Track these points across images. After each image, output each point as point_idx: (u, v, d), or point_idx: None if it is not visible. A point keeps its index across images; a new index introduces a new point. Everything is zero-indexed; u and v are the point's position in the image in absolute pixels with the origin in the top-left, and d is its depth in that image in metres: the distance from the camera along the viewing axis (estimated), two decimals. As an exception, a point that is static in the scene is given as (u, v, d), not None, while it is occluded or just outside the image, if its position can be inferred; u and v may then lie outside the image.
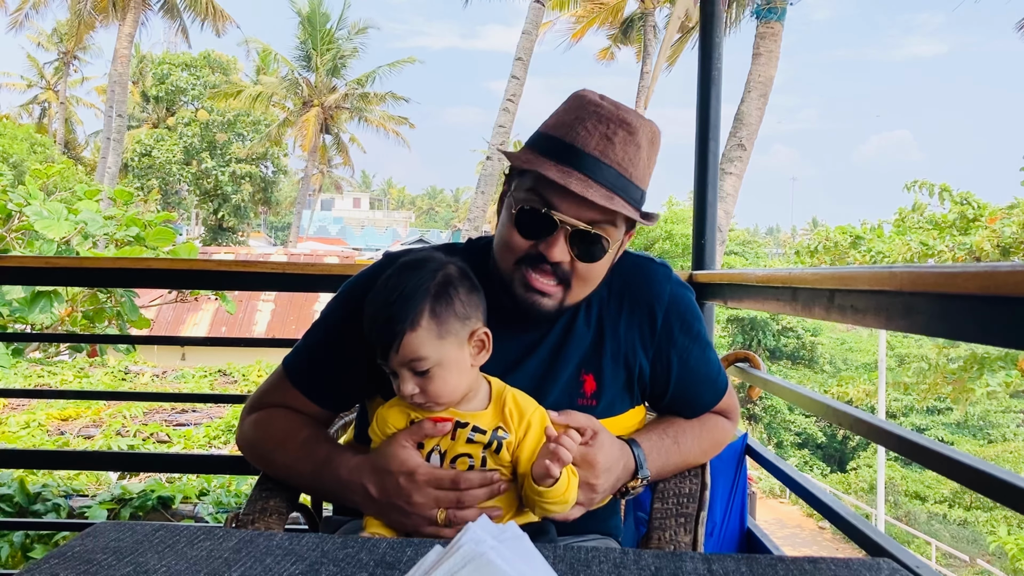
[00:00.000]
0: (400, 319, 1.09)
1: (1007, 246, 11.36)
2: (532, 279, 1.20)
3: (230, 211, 34.53)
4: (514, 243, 1.21)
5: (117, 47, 23.03)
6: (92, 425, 8.15)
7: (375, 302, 1.13)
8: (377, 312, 1.11)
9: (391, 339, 1.09)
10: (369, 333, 1.12)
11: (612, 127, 1.18)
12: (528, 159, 1.20)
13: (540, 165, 1.17)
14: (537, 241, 1.19)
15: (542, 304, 1.22)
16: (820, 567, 0.91)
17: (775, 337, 24.26)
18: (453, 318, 1.12)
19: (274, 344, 2.96)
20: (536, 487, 1.09)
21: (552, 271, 1.20)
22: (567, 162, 1.17)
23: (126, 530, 0.96)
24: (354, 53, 34.15)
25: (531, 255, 1.20)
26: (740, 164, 10.43)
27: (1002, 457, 18.49)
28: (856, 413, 1.53)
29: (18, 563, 3.29)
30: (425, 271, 1.13)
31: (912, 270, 1.05)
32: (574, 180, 1.15)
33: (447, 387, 1.12)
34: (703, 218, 2.71)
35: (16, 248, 5.94)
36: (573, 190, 1.14)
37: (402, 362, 1.10)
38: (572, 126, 1.19)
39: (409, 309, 1.09)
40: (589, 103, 1.21)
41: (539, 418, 1.15)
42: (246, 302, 16.50)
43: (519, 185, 1.22)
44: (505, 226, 1.23)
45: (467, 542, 0.73)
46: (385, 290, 1.12)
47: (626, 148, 1.19)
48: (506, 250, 1.23)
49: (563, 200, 1.17)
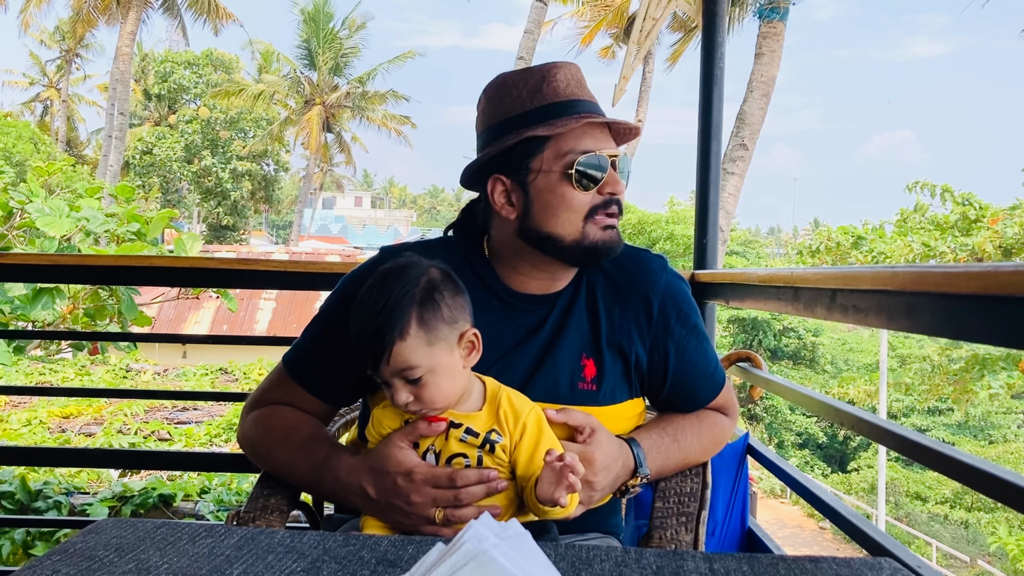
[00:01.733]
0: (387, 329, 1.07)
1: (1009, 247, 11.36)
2: (603, 219, 1.25)
3: (231, 209, 34.54)
4: (578, 202, 1.24)
5: (119, 45, 23.05)
6: (93, 423, 8.15)
7: (360, 314, 1.11)
8: (364, 324, 1.10)
9: (381, 350, 1.08)
10: (358, 345, 1.11)
11: (573, 74, 1.28)
12: (548, 126, 1.22)
13: (564, 124, 1.22)
14: (597, 188, 1.24)
15: (616, 239, 1.27)
16: (821, 566, 0.91)
17: (776, 337, 24.25)
18: (441, 323, 1.10)
19: (275, 342, 2.96)
20: (541, 507, 1.09)
21: (617, 207, 1.27)
22: (576, 111, 1.24)
23: (128, 527, 0.96)
24: (356, 51, 34.16)
25: (595, 205, 1.25)
26: (742, 164, 10.43)
27: (1003, 458, 18.47)
28: (858, 413, 1.53)
29: (19, 560, 3.30)
30: (408, 278, 1.11)
31: (914, 270, 1.05)
32: (599, 118, 1.24)
33: (441, 392, 1.11)
34: (705, 218, 2.71)
35: (18, 246, 5.94)
36: (605, 120, 1.24)
37: (394, 372, 1.09)
38: (542, 88, 1.25)
39: (396, 319, 1.08)
40: (547, 71, 1.27)
41: (535, 419, 1.15)
42: (247, 301, 16.51)
43: (539, 166, 1.24)
44: (560, 195, 1.24)
45: (469, 539, 0.73)
46: (369, 301, 1.11)
47: (586, 84, 1.30)
48: (572, 214, 1.24)
49: (594, 139, 1.24)
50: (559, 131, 1.22)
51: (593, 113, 1.25)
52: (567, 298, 1.32)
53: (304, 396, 1.33)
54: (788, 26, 10.64)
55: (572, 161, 1.22)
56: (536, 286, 1.31)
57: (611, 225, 1.26)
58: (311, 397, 1.33)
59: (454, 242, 1.37)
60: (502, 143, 1.25)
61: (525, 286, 1.31)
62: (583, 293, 1.32)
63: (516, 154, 1.25)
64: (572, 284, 1.33)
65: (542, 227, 1.25)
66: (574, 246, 1.24)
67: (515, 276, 1.30)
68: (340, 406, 1.39)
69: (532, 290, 1.31)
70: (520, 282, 1.31)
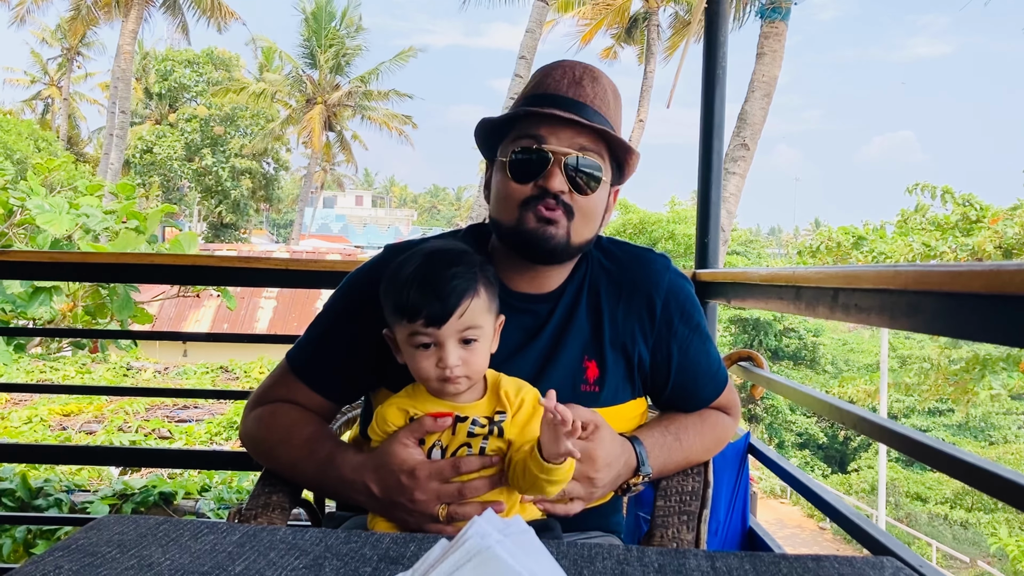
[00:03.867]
0: (466, 285, 1.10)
1: (1009, 247, 11.36)
2: (540, 211, 1.23)
3: (232, 208, 34.54)
4: (513, 191, 1.24)
5: (120, 43, 23.05)
6: (94, 420, 8.15)
7: (424, 271, 1.11)
8: (434, 276, 1.10)
9: (456, 304, 1.09)
10: (414, 299, 1.09)
11: (577, 72, 1.27)
12: (508, 113, 1.25)
13: (521, 111, 1.23)
14: (535, 181, 1.22)
15: (553, 235, 1.23)
16: (824, 565, 0.91)
17: (777, 337, 24.24)
18: (495, 292, 1.16)
19: (276, 340, 2.96)
20: (544, 464, 1.06)
21: (557, 202, 1.23)
22: (544, 105, 1.23)
23: (130, 523, 0.96)
24: (358, 50, 34.17)
25: (532, 196, 1.23)
26: (743, 164, 10.43)
27: (1003, 459, 18.46)
28: (859, 412, 1.53)
29: (20, 558, 3.30)
30: (466, 254, 1.16)
31: (917, 269, 1.05)
32: (557, 112, 1.21)
33: (483, 361, 1.14)
34: (706, 217, 2.71)
35: (18, 243, 5.95)
36: (558, 114, 1.20)
37: (459, 329, 1.10)
38: (541, 82, 1.28)
39: (471, 276, 1.12)
40: (551, 65, 1.30)
41: (533, 396, 1.16)
42: (248, 299, 16.52)
43: (503, 150, 1.27)
44: (500, 183, 1.27)
45: (472, 536, 0.72)
46: (436, 262, 1.12)
47: (595, 88, 1.26)
48: (507, 202, 1.25)
49: (551, 133, 1.22)
50: (506, 116, 1.25)
51: (556, 108, 1.22)
52: (569, 299, 1.32)
53: (307, 394, 1.32)
54: (790, 26, 10.64)
55: (512, 151, 1.24)
56: (528, 284, 1.31)
57: (547, 219, 1.22)
58: (314, 395, 1.32)
59: (461, 236, 1.38)
60: (483, 127, 1.30)
61: (519, 285, 1.31)
62: (585, 294, 1.32)
63: (492, 141, 1.30)
64: (574, 285, 1.33)
65: (492, 212, 1.30)
66: (512, 234, 1.25)
67: (508, 273, 1.30)
68: (343, 403, 1.39)
69: (527, 289, 1.31)
70: (513, 280, 1.31)
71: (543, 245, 1.23)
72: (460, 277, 1.11)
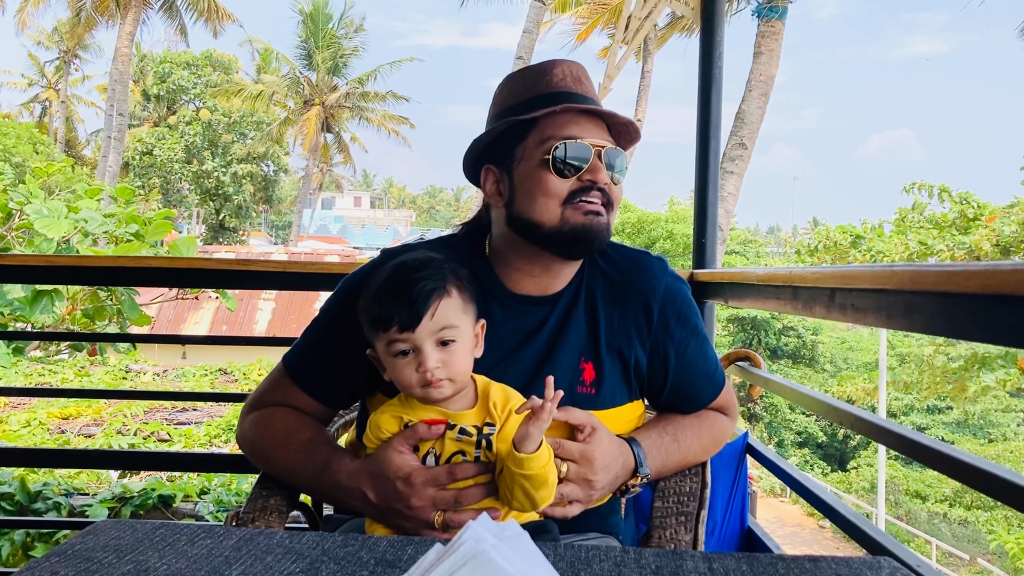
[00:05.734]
0: (433, 285, 1.11)
1: (1007, 245, 11.37)
2: (586, 204, 1.23)
3: (231, 210, 34.53)
4: (556, 187, 1.23)
5: (118, 46, 23.03)
6: (93, 424, 8.15)
7: (395, 280, 1.13)
8: (401, 283, 1.11)
9: (425, 306, 1.10)
10: (386, 309, 1.11)
11: (574, 71, 1.30)
12: (530, 113, 1.24)
13: (545, 111, 1.23)
14: (578, 175, 1.23)
15: (600, 224, 1.24)
16: (821, 566, 0.91)
17: (776, 336, 24.26)
18: (469, 295, 1.17)
19: (275, 343, 2.96)
20: (516, 455, 1.07)
21: (600, 194, 1.24)
22: (560, 102, 1.24)
23: (126, 528, 0.96)
24: (355, 52, 34.17)
25: (574, 191, 1.23)
26: (741, 163, 10.42)
27: (1003, 456, 18.48)
28: (857, 412, 1.53)
29: (19, 561, 3.29)
30: (435, 260, 1.16)
31: (913, 269, 1.05)
32: (587, 107, 1.24)
33: (464, 363, 1.14)
34: (704, 217, 2.71)
35: (16, 247, 5.94)
36: (591, 108, 1.23)
37: (432, 331, 1.10)
38: (538, 82, 1.28)
39: (439, 278, 1.12)
40: (545, 65, 1.30)
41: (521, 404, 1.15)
42: (247, 301, 16.50)
43: (531, 150, 1.25)
44: (538, 182, 1.24)
45: (468, 540, 0.72)
46: (402, 271, 1.13)
47: (589, 85, 1.30)
48: (549, 199, 1.23)
49: (579, 127, 1.24)
50: (538, 116, 1.24)
51: (577, 102, 1.25)
52: (566, 301, 1.31)
53: (303, 398, 1.32)
54: (787, 25, 10.63)
55: (551, 147, 1.23)
56: (534, 286, 1.31)
57: (594, 211, 1.23)
58: (310, 399, 1.32)
59: (455, 243, 1.37)
60: (491, 132, 1.28)
61: (523, 286, 1.31)
62: (583, 297, 1.32)
63: (503, 143, 1.28)
64: (571, 287, 1.33)
65: (524, 213, 1.26)
66: (555, 232, 1.24)
67: (513, 275, 1.30)
68: (339, 408, 1.39)
69: (530, 291, 1.31)
70: (518, 281, 1.30)
71: (596, 238, 1.24)
72: (428, 279, 1.12)
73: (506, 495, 1.11)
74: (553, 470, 1.11)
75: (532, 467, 1.07)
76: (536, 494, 1.10)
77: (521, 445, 1.07)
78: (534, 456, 1.07)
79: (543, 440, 1.09)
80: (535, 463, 1.07)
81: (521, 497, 1.10)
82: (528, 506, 1.12)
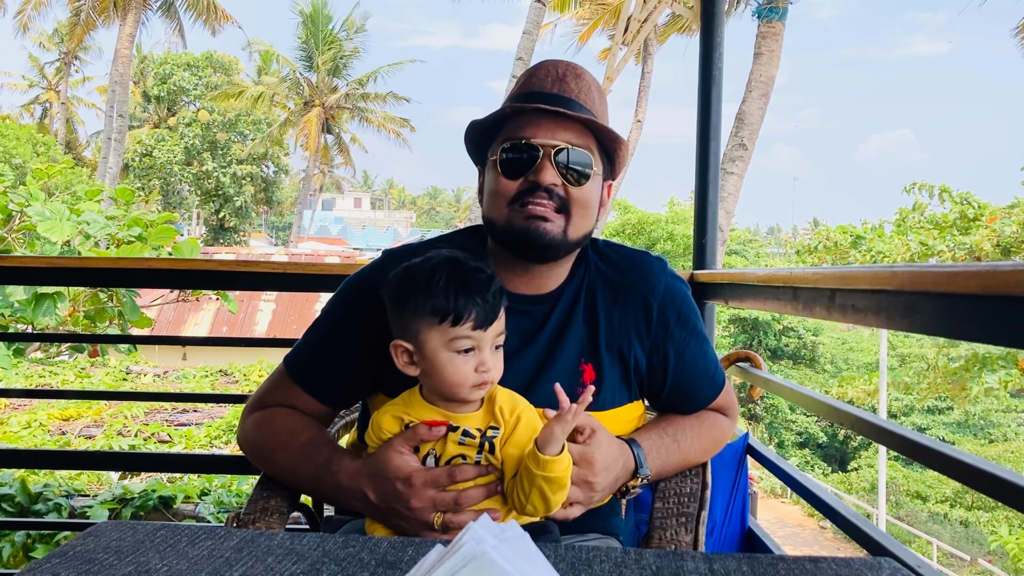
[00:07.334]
0: (502, 290, 1.14)
1: (1007, 245, 11.36)
2: (530, 208, 1.23)
3: (231, 212, 34.53)
4: (503, 187, 1.25)
5: (118, 47, 23.03)
6: (93, 425, 8.15)
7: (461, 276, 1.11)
8: (476, 281, 1.11)
9: (499, 306, 1.12)
10: (462, 304, 1.09)
11: (560, 70, 1.28)
12: (494, 113, 1.26)
13: (506, 107, 1.25)
14: (525, 176, 1.23)
15: (546, 230, 1.23)
16: (821, 567, 0.91)
17: (776, 337, 24.25)
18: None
19: (275, 344, 2.96)
20: (541, 457, 1.06)
21: (548, 197, 1.23)
22: (530, 103, 1.24)
23: (127, 529, 0.96)
24: (355, 53, 34.18)
25: (522, 191, 1.23)
26: (741, 164, 10.41)
27: (1003, 457, 18.48)
28: (857, 412, 1.53)
29: (20, 563, 3.30)
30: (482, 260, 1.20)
31: (913, 269, 1.05)
32: (542, 106, 1.22)
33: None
34: (704, 218, 2.71)
35: (18, 249, 5.94)
36: (544, 108, 1.21)
37: (496, 332, 1.13)
38: (526, 82, 1.30)
39: (497, 280, 1.14)
40: (535, 65, 1.32)
41: (529, 412, 1.15)
42: (247, 302, 16.50)
43: (493, 150, 1.28)
44: (491, 182, 1.27)
45: (468, 541, 0.72)
46: (465, 267, 1.12)
47: (578, 84, 1.27)
48: (497, 199, 1.25)
49: (537, 128, 1.23)
50: (490, 118, 1.25)
51: (548, 102, 1.23)
52: (566, 302, 1.31)
53: (305, 398, 1.32)
54: (787, 25, 10.63)
55: (501, 148, 1.24)
56: (525, 285, 1.31)
57: (538, 215, 1.22)
58: (311, 399, 1.32)
59: (457, 243, 1.37)
60: (468, 133, 1.32)
61: (516, 286, 1.31)
62: (583, 297, 1.32)
63: (481, 145, 1.31)
64: (571, 288, 1.33)
65: (485, 213, 1.30)
66: (503, 233, 1.26)
67: (505, 274, 1.30)
68: (341, 408, 1.39)
69: (523, 290, 1.31)
70: (509, 281, 1.30)
71: (536, 242, 1.23)
72: (495, 280, 1.13)
73: (519, 500, 1.11)
74: (569, 472, 1.11)
75: (555, 469, 1.07)
76: (553, 497, 1.09)
77: (546, 447, 1.06)
78: (558, 459, 1.07)
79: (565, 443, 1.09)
80: (558, 466, 1.07)
81: (537, 500, 1.09)
82: (542, 510, 1.11)
